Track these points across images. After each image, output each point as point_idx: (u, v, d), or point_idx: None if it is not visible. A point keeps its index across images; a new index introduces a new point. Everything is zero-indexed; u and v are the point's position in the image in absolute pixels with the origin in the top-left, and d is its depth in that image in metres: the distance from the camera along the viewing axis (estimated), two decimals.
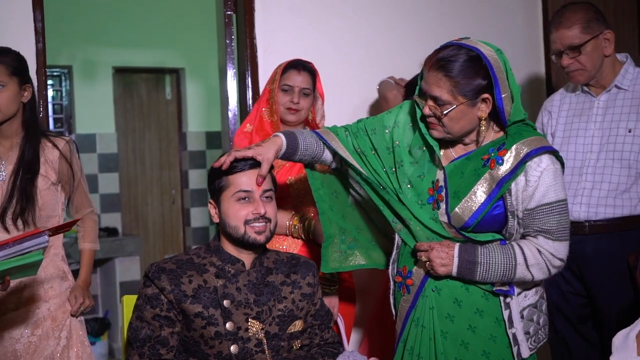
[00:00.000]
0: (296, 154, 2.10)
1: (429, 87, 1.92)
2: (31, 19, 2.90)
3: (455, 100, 1.90)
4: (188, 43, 6.11)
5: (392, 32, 3.51)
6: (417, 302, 2.03)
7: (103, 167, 5.99)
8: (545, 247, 1.94)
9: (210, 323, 1.93)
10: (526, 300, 2.02)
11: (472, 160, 1.98)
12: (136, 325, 1.96)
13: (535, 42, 3.89)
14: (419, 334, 2.03)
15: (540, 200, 1.90)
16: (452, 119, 1.92)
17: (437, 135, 1.98)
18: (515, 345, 1.99)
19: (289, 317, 2.02)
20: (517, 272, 1.94)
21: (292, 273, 2.09)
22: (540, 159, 1.90)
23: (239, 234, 1.98)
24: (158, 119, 6.46)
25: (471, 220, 1.94)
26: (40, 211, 2.47)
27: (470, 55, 1.90)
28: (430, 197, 2.01)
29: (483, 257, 1.93)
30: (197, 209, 6.41)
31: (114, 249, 5.49)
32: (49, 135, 2.55)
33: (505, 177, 1.90)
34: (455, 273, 1.96)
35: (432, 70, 1.91)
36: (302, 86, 2.64)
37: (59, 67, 5.81)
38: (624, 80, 2.66)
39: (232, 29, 3.34)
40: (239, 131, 2.75)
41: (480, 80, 1.90)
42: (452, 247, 1.96)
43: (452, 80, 1.88)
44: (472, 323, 1.99)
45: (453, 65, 1.88)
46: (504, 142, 1.94)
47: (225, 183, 2.00)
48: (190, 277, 1.96)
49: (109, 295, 5.63)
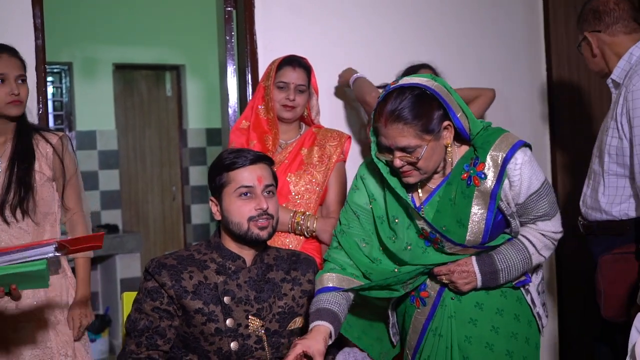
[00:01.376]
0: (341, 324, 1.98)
1: (393, 140, 1.88)
2: (30, 16, 2.89)
3: (424, 141, 1.88)
4: (188, 40, 6.10)
5: (391, 29, 3.50)
6: (436, 312, 2.04)
7: (103, 164, 5.98)
8: (546, 229, 2.02)
9: (211, 319, 1.93)
10: (538, 277, 2.12)
11: (453, 184, 1.97)
12: (135, 317, 1.97)
13: (535, 42, 3.88)
14: (435, 344, 2.04)
15: (528, 192, 1.95)
16: (426, 159, 1.90)
17: (414, 180, 1.95)
18: (539, 320, 2.08)
19: (289, 314, 2.02)
20: (533, 261, 2.03)
21: (293, 270, 2.09)
22: (515, 158, 1.92)
23: (242, 231, 1.98)
24: (158, 115, 6.46)
25: (484, 237, 1.97)
26: (37, 207, 2.45)
27: (415, 94, 1.87)
28: (426, 242, 2.00)
29: (502, 264, 1.99)
30: (198, 206, 6.41)
31: (114, 245, 5.49)
32: (42, 131, 2.52)
33: (495, 188, 1.92)
34: (480, 286, 2.00)
35: (389, 124, 1.87)
36: (298, 83, 2.64)
37: (59, 64, 5.80)
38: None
39: (232, 25, 3.33)
40: (234, 128, 2.74)
41: (437, 111, 1.89)
42: (470, 264, 1.99)
43: (413, 125, 1.86)
44: (495, 324, 2.02)
45: (406, 112, 1.86)
46: (477, 157, 1.94)
47: (226, 179, 2.00)
48: (190, 273, 1.96)
49: (110, 292, 5.63)
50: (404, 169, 1.92)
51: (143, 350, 1.93)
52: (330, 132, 2.73)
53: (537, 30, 3.91)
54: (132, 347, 1.94)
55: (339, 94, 3.33)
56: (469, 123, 1.94)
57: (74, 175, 2.54)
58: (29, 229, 2.44)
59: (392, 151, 1.91)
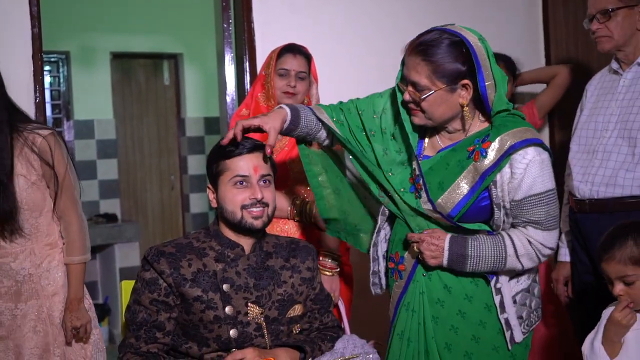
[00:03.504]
0: (298, 128, 2.05)
1: (408, 72, 1.89)
2: (27, 4, 2.87)
3: (434, 85, 1.87)
4: (186, 28, 6.08)
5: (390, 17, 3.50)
6: (409, 287, 2.04)
7: (101, 153, 5.97)
8: (535, 238, 1.92)
9: (210, 307, 1.93)
10: (519, 285, 2.01)
11: (457, 152, 1.96)
12: (134, 309, 1.97)
13: (535, 42, 3.88)
14: (409, 319, 2.03)
15: (528, 192, 1.87)
16: (432, 104, 1.89)
17: (418, 121, 1.95)
18: (508, 330, 1.98)
19: (288, 302, 2.02)
20: (507, 263, 1.93)
21: (292, 257, 2.09)
22: (526, 151, 1.86)
23: (236, 219, 1.97)
24: (156, 104, 6.44)
25: (454, 211, 1.92)
26: (25, 212, 2.34)
27: (452, 40, 1.86)
28: (412, 187, 2.00)
29: (473, 250, 1.92)
30: (196, 195, 6.41)
31: (113, 235, 5.50)
32: (25, 129, 2.33)
33: (488, 169, 1.87)
34: (445, 265, 1.95)
35: (412, 54, 1.88)
36: (298, 70, 2.63)
37: (56, 52, 5.78)
38: None
39: (230, 13, 3.32)
40: (234, 115, 2.75)
41: (460, 66, 1.86)
42: (442, 239, 1.94)
43: (430, 65, 1.85)
44: (462, 308, 1.99)
45: (433, 50, 1.85)
46: (488, 134, 1.90)
47: (222, 167, 1.99)
48: (189, 261, 1.96)
49: (109, 281, 5.64)
50: (410, 106, 1.94)
51: (142, 344, 1.93)
52: None
53: (537, 29, 3.92)
54: (131, 341, 1.94)
55: (338, 83, 3.32)
56: (495, 99, 1.89)
57: (65, 177, 2.38)
58: (24, 245, 2.38)
59: (407, 84, 1.92)
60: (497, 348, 2.00)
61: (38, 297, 2.40)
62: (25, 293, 2.39)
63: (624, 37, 2.59)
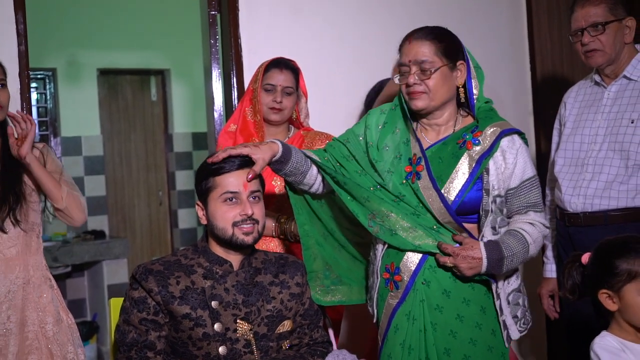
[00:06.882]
0: (287, 165, 2.08)
1: (414, 54, 2.03)
2: (13, 21, 2.87)
3: (440, 61, 2.02)
4: (173, 44, 6.08)
5: (378, 31, 3.51)
6: (407, 296, 2.05)
7: (89, 169, 5.95)
8: (537, 220, 2.05)
9: (198, 324, 1.92)
10: (510, 285, 2.09)
11: (448, 145, 2.07)
12: (123, 329, 1.95)
13: (519, 41, 3.91)
14: (410, 327, 2.05)
15: (522, 177, 2.03)
16: (437, 82, 2.02)
17: (421, 104, 2.05)
18: (504, 330, 2.06)
19: (277, 318, 2.02)
20: (529, 252, 2.03)
21: (281, 273, 2.08)
22: (513, 138, 2.04)
23: (227, 236, 1.97)
24: (144, 120, 6.43)
25: (457, 198, 2.01)
26: (27, 216, 2.44)
27: (447, 30, 2.10)
28: (408, 174, 2.06)
29: (507, 250, 1.99)
30: (185, 211, 6.39)
31: (101, 251, 5.45)
32: None
33: (484, 154, 2.01)
34: (483, 272, 2.00)
35: (414, 40, 2.05)
36: (285, 85, 2.63)
37: (43, 69, 5.77)
38: (634, 70, 2.59)
39: (217, 29, 3.33)
40: (222, 131, 2.73)
41: (460, 49, 2.07)
42: (477, 249, 1.98)
43: (436, 43, 2.03)
44: (460, 312, 2.03)
45: (435, 32, 2.06)
46: (476, 126, 2.06)
47: (212, 184, 1.99)
48: (177, 278, 1.95)
49: (97, 298, 5.59)
50: (415, 88, 2.03)
51: None
52: (319, 134, 2.72)
53: (522, 29, 3.95)
54: None
55: (328, 97, 3.33)
56: (478, 92, 2.08)
57: (62, 173, 2.51)
58: (19, 239, 2.43)
59: (409, 70, 2.04)
60: (492, 348, 2.05)
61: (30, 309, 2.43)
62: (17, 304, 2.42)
63: (615, 51, 2.58)
